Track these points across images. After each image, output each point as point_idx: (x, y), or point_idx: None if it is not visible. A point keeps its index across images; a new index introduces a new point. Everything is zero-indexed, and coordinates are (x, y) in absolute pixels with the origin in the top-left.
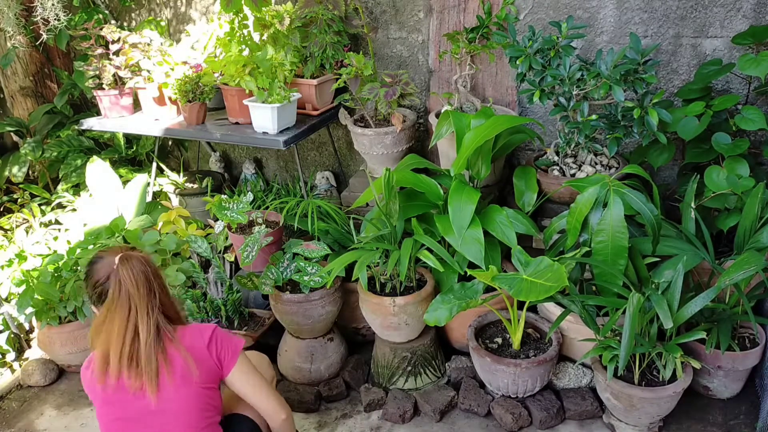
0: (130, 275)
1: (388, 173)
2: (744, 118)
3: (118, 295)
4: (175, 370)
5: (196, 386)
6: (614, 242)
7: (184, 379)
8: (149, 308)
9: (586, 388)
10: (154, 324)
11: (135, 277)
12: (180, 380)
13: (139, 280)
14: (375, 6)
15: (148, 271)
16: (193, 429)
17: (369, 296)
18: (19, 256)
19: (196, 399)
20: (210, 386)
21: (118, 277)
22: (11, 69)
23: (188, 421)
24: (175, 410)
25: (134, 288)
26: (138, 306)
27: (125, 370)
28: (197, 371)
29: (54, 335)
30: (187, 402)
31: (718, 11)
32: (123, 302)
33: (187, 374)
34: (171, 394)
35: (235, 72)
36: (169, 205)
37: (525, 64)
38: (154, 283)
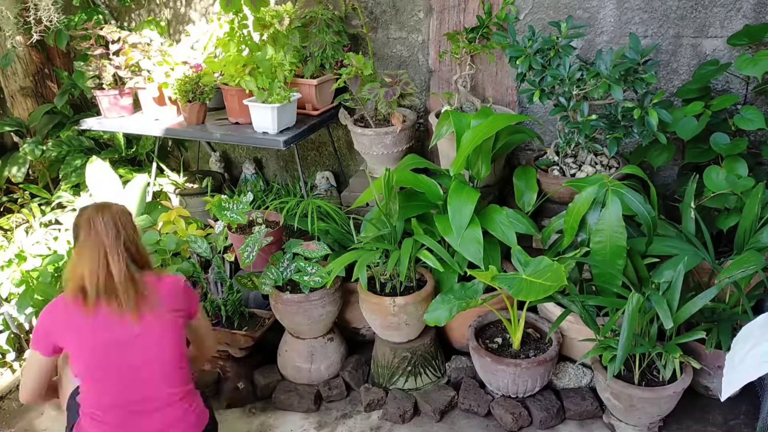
0: (101, 220)
1: (388, 173)
2: (743, 118)
3: (87, 236)
4: (160, 302)
5: (178, 321)
6: (612, 242)
7: (161, 309)
8: (118, 251)
9: (586, 388)
10: (124, 263)
11: (105, 222)
12: (158, 311)
13: (108, 225)
14: (375, 6)
15: (118, 220)
16: (177, 355)
17: (369, 296)
18: (19, 256)
19: (174, 329)
20: (185, 325)
21: (90, 220)
22: (11, 69)
23: (172, 346)
24: (158, 336)
25: (104, 231)
26: (107, 247)
27: (103, 301)
28: (173, 306)
29: None
30: (167, 330)
31: (718, 11)
32: (92, 243)
33: (163, 308)
34: (151, 322)
35: (235, 72)
36: (169, 205)
37: (525, 64)
38: (122, 230)
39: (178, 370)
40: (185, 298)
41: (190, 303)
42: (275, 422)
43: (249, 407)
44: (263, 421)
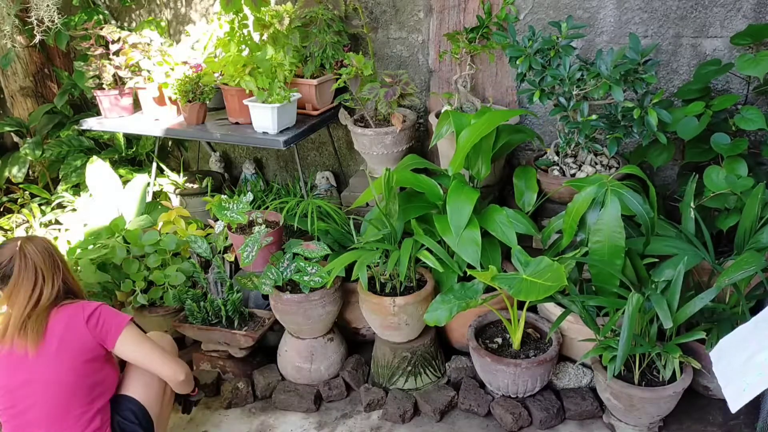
0: (35, 249)
1: (388, 173)
2: (743, 117)
3: (24, 267)
4: (55, 336)
5: (75, 357)
6: (611, 242)
7: (62, 345)
8: (54, 277)
9: (586, 388)
10: (56, 291)
11: (39, 251)
12: (59, 346)
13: (44, 254)
14: (375, 6)
15: (51, 248)
16: (72, 400)
17: (369, 296)
18: None
19: (74, 370)
20: (90, 359)
21: (23, 252)
22: (11, 69)
23: (66, 390)
24: (52, 377)
25: (40, 259)
26: (45, 274)
27: (17, 334)
28: (75, 342)
29: None
30: (65, 371)
31: (718, 11)
32: (29, 272)
33: (65, 343)
34: (50, 359)
35: (235, 72)
36: (169, 205)
37: (525, 64)
38: (56, 257)
39: (67, 413)
40: (86, 330)
41: (103, 329)
42: (275, 422)
43: (249, 407)
44: (263, 421)
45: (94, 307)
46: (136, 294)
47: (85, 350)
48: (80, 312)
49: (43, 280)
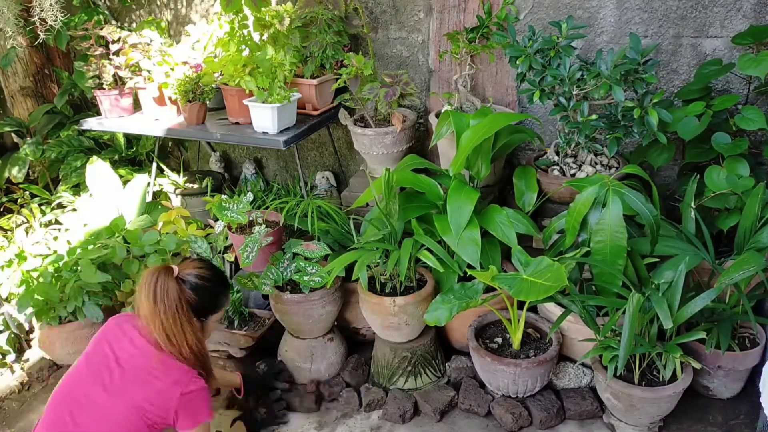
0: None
1: (388, 173)
2: (744, 117)
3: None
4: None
5: (141, 407)
6: (613, 242)
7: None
8: (190, 318)
9: (586, 388)
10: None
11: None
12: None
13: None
14: (375, 6)
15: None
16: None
17: (369, 296)
18: (19, 256)
19: (129, 415)
20: (151, 422)
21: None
22: (11, 69)
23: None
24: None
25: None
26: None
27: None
28: (152, 398)
29: (54, 335)
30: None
31: (718, 11)
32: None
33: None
34: (120, 390)
35: (235, 72)
36: (169, 205)
37: (525, 64)
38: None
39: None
40: (183, 401)
41: (180, 409)
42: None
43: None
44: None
45: (193, 387)
46: None
47: (154, 413)
48: (182, 379)
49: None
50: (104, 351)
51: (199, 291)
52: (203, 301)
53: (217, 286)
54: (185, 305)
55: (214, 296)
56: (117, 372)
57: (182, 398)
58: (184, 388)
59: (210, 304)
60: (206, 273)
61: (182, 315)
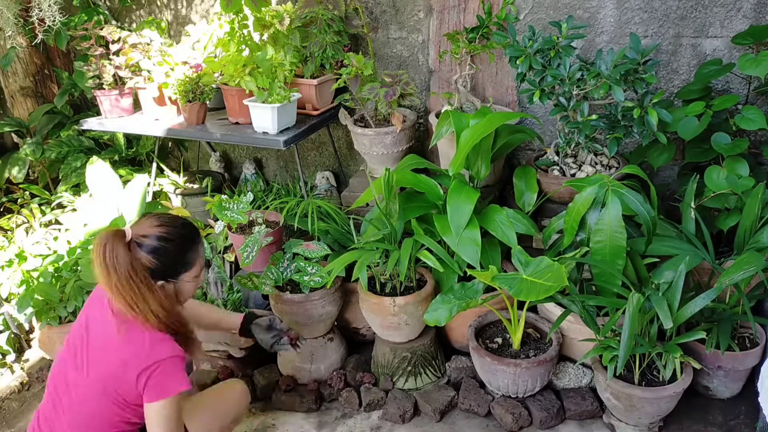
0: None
1: (388, 173)
2: (744, 117)
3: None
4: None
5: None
6: (612, 242)
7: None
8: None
9: (586, 388)
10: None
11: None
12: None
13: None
14: (375, 6)
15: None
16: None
17: (369, 296)
18: (19, 256)
19: (99, 395)
20: (121, 400)
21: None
22: (11, 69)
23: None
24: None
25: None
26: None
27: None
28: (116, 373)
29: (54, 335)
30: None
31: (718, 11)
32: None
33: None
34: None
35: (235, 72)
36: (169, 205)
37: (525, 64)
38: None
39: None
40: (145, 378)
41: (146, 384)
42: (275, 422)
43: (249, 407)
44: (263, 421)
45: (155, 360)
46: None
47: (121, 391)
48: (141, 353)
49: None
50: (80, 325)
51: (159, 253)
52: (166, 262)
53: (181, 244)
54: (141, 271)
55: (180, 255)
56: (85, 348)
57: (139, 378)
58: (139, 366)
59: (176, 265)
60: (165, 231)
61: (139, 282)
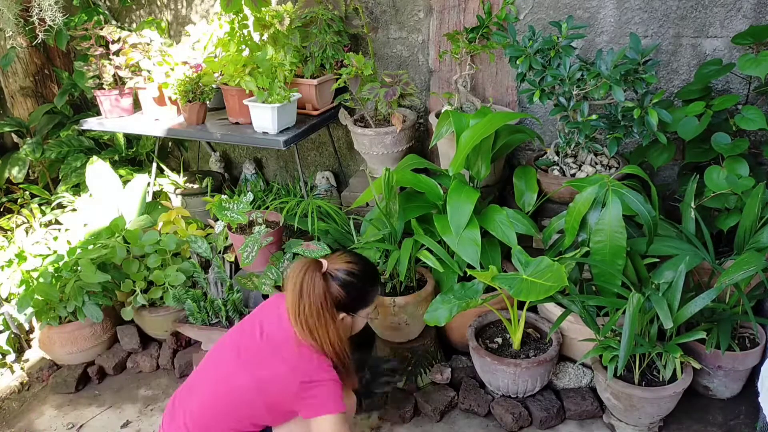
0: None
1: (388, 173)
2: (744, 117)
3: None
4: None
5: (261, 385)
6: (612, 242)
7: (260, 370)
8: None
9: (586, 388)
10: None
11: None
12: (261, 363)
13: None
14: (375, 6)
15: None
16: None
17: None
18: (19, 256)
19: (248, 388)
20: (272, 401)
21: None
22: (11, 69)
23: (226, 408)
24: (226, 388)
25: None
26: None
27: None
28: (274, 380)
29: (54, 335)
30: (242, 380)
31: (718, 11)
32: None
33: (264, 368)
34: (248, 363)
35: (235, 72)
36: (170, 205)
37: (525, 64)
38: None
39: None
40: (303, 393)
41: (302, 402)
42: None
43: None
44: None
45: (314, 379)
46: (136, 294)
47: (272, 402)
48: (306, 370)
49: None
50: (254, 320)
51: (348, 287)
52: (352, 297)
53: (367, 282)
54: (330, 302)
55: (364, 293)
56: (255, 345)
57: (302, 386)
58: (305, 377)
59: (359, 301)
60: (356, 268)
61: (326, 312)
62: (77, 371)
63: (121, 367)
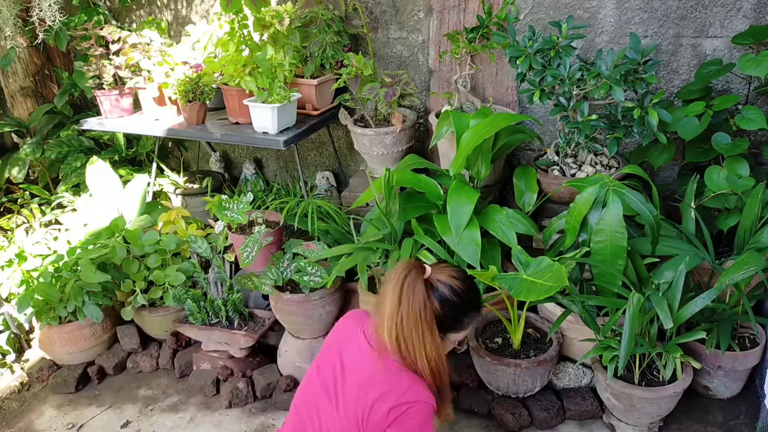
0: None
1: (388, 173)
2: (744, 117)
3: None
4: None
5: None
6: (613, 242)
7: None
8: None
9: (586, 388)
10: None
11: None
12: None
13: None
14: (375, 6)
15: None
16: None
17: (369, 296)
18: (19, 256)
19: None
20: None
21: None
22: (11, 69)
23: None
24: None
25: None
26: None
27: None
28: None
29: (54, 335)
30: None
31: (718, 11)
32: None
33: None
34: (343, 404)
35: (235, 72)
36: (170, 205)
37: (525, 64)
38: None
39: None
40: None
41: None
42: (275, 422)
43: (249, 407)
44: (263, 421)
45: (409, 402)
46: (136, 294)
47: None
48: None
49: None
50: (332, 355)
51: (446, 304)
52: (447, 316)
53: (467, 305)
54: (430, 312)
55: (461, 314)
56: (341, 383)
57: (398, 407)
58: (402, 396)
59: (453, 322)
60: (461, 287)
61: (424, 321)
62: (77, 371)
63: (121, 367)
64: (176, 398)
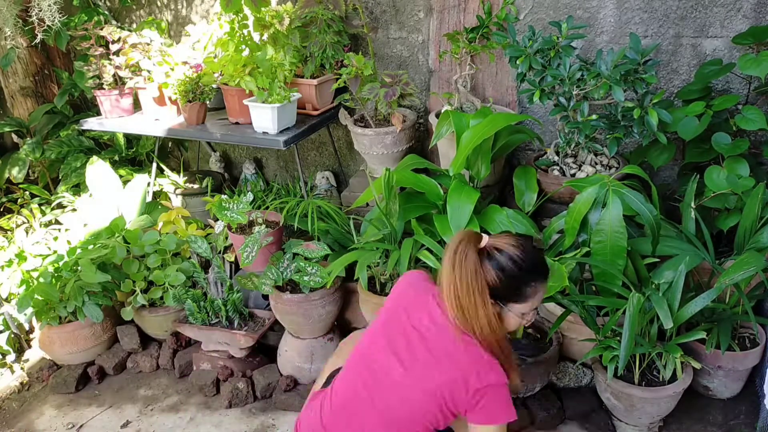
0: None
1: (388, 173)
2: (744, 117)
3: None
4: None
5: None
6: (613, 242)
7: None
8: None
9: (587, 388)
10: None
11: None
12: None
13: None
14: (375, 6)
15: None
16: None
17: (369, 296)
18: (19, 256)
19: (426, 400)
20: (447, 407)
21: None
22: (11, 69)
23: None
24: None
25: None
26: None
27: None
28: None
29: (54, 335)
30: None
31: (718, 11)
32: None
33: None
34: (419, 371)
35: (235, 72)
36: (170, 205)
37: (525, 64)
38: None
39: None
40: (478, 396)
41: (477, 405)
42: (275, 422)
43: (249, 407)
44: (263, 421)
45: (490, 381)
46: (136, 294)
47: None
48: (479, 371)
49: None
50: (401, 320)
51: (503, 272)
52: (507, 284)
53: (529, 274)
54: (482, 280)
55: (522, 284)
56: (417, 350)
57: (476, 393)
58: (479, 382)
59: (512, 292)
60: (520, 255)
61: (476, 290)
62: (77, 371)
63: (121, 367)
64: (176, 398)
